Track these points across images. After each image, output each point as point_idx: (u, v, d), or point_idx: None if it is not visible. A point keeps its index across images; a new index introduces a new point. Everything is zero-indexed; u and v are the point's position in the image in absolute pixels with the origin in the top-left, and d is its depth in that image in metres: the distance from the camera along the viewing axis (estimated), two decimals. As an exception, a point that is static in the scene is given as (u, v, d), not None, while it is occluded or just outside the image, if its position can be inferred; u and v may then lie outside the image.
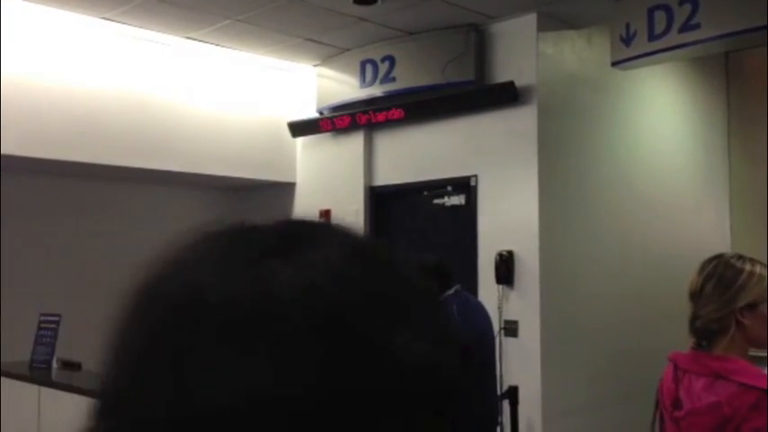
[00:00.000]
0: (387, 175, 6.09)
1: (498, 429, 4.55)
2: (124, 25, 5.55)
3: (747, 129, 6.71)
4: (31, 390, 3.61)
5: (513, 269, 5.18)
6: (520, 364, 5.11)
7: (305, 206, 6.58)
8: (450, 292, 4.33)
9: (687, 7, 4.65)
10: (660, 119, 6.25)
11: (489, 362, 4.26)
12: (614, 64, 5.14)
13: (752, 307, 2.07)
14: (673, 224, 5.92)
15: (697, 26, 4.62)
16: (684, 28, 4.68)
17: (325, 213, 6.37)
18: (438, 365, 0.58)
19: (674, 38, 4.74)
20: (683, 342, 2.18)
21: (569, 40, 5.46)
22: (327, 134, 6.37)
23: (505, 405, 4.94)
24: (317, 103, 6.38)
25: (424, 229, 5.96)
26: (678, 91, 6.45)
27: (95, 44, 5.54)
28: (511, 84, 5.20)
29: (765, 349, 2.16)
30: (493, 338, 4.36)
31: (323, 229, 0.62)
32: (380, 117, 5.90)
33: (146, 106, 5.78)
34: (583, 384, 5.21)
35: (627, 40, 4.98)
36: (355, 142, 6.20)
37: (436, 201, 5.87)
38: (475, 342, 4.06)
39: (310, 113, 6.43)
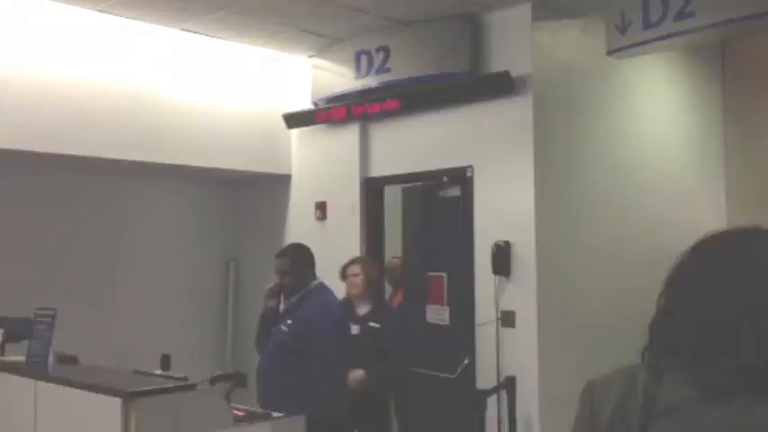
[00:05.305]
0: (382, 167, 6.07)
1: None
2: (119, 17, 5.52)
3: (743, 118, 6.70)
4: (27, 384, 3.60)
5: (510, 260, 5.18)
6: (516, 354, 5.11)
7: (300, 198, 6.56)
8: (318, 281, 4.33)
9: (682, -5, 4.65)
10: (656, 108, 6.24)
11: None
12: (610, 53, 5.13)
13: None
14: (669, 214, 5.92)
15: (692, 14, 4.62)
16: (679, 16, 4.67)
17: (321, 205, 6.35)
18: None
19: (669, 26, 4.73)
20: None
21: (564, 30, 5.45)
22: (323, 126, 6.35)
23: (503, 395, 4.95)
24: (312, 94, 6.36)
25: (420, 220, 5.95)
26: (674, 80, 6.44)
27: (91, 36, 5.52)
28: (506, 74, 5.19)
29: None
30: None
31: None
32: (376, 108, 5.89)
33: (140, 99, 5.76)
34: (580, 374, 5.20)
35: (622, 29, 4.97)
36: (351, 134, 6.18)
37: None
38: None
39: (305, 105, 6.41)
